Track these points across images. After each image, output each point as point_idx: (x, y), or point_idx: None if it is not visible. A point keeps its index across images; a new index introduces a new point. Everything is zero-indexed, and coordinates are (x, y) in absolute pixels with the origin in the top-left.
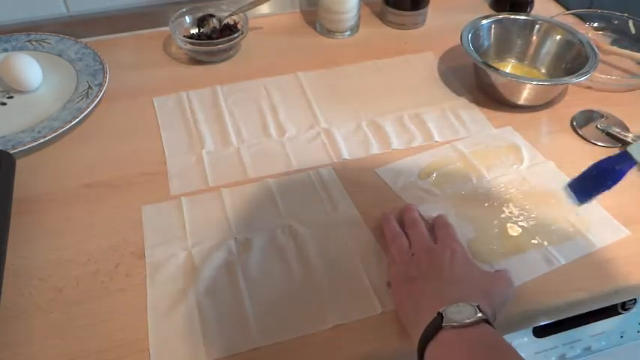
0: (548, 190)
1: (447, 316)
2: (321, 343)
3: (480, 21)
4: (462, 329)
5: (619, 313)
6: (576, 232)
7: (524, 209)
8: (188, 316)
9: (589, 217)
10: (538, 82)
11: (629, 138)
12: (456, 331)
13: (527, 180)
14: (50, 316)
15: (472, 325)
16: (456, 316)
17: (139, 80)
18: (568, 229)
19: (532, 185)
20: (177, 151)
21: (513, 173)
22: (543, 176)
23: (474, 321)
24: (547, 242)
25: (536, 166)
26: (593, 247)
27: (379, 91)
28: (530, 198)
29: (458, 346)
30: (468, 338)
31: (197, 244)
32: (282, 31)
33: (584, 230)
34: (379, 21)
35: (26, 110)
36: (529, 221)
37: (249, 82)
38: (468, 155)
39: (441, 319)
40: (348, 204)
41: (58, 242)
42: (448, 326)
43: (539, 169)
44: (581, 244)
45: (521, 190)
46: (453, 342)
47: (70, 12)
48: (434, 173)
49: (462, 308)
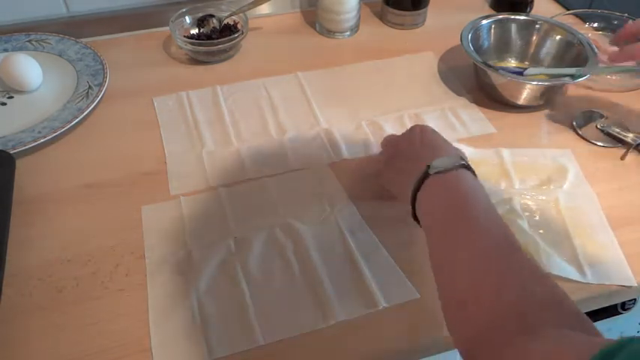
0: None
1: (432, 165)
2: (323, 340)
3: (480, 21)
4: (444, 174)
5: (619, 313)
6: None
7: (538, 225)
8: (189, 315)
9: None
10: (538, 83)
11: (629, 138)
12: (439, 176)
13: (559, 200)
14: (50, 316)
15: (454, 169)
16: (440, 163)
17: (139, 80)
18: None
19: (561, 207)
20: (177, 151)
21: (547, 193)
22: (579, 202)
23: (456, 166)
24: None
25: (577, 189)
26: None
27: (379, 91)
28: (550, 216)
29: (440, 189)
30: (448, 181)
31: (197, 244)
32: (282, 31)
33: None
34: (379, 21)
35: (26, 110)
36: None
37: (249, 82)
38: (508, 164)
39: (427, 170)
40: (347, 203)
41: (58, 242)
42: (432, 173)
43: (579, 193)
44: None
45: (546, 208)
46: (437, 186)
47: (70, 12)
48: None
49: (445, 159)
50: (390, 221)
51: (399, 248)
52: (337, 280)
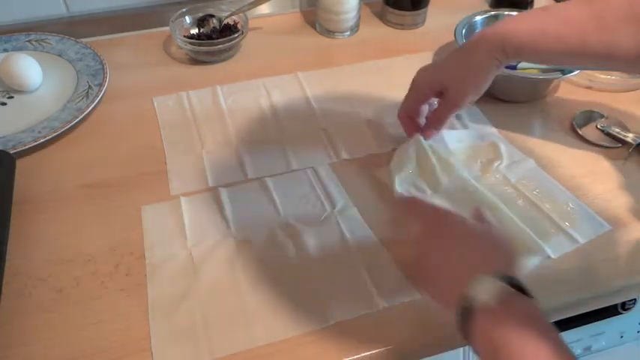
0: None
1: (474, 296)
2: (323, 340)
3: (475, 17)
4: (492, 310)
5: (619, 313)
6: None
7: (510, 206)
8: (189, 315)
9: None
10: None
11: (629, 138)
12: (486, 313)
13: (507, 178)
14: (50, 316)
15: (503, 296)
16: (483, 292)
17: (139, 80)
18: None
19: (512, 184)
20: (177, 151)
21: (495, 173)
22: (524, 172)
23: (504, 292)
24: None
25: (516, 162)
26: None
27: (379, 91)
28: (511, 194)
29: (490, 329)
30: (499, 323)
31: (197, 244)
32: (282, 31)
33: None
34: (379, 21)
35: (26, 110)
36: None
37: (249, 82)
38: (450, 154)
39: (472, 298)
40: (347, 203)
41: (58, 242)
42: (483, 307)
43: (520, 164)
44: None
45: (503, 188)
46: (485, 324)
47: (70, 12)
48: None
49: (490, 284)
50: (390, 221)
51: (399, 248)
52: (337, 281)
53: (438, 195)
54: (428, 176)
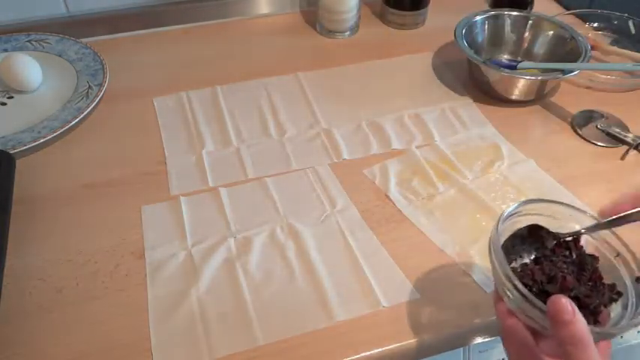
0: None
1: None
2: (324, 340)
3: (475, 17)
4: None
5: None
6: None
7: None
8: (189, 315)
9: None
10: (530, 77)
11: (629, 138)
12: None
13: (508, 179)
14: (50, 316)
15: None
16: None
17: (139, 80)
18: None
19: (514, 184)
20: (177, 151)
21: (496, 174)
22: (524, 172)
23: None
24: None
25: (516, 162)
26: None
27: (379, 91)
28: (515, 194)
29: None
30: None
31: (197, 244)
32: (282, 31)
33: None
34: (379, 21)
35: (26, 110)
36: None
37: (249, 82)
38: (450, 156)
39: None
40: (347, 203)
41: (58, 242)
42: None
43: (520, 164)
44: None
45: (506, 188)
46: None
47: (70, 12)
48: (414, 178)
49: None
50: (390, 221)
51: (399, 248)
52: (337, 280)
53: (434, 200)
54: (424, 182)
